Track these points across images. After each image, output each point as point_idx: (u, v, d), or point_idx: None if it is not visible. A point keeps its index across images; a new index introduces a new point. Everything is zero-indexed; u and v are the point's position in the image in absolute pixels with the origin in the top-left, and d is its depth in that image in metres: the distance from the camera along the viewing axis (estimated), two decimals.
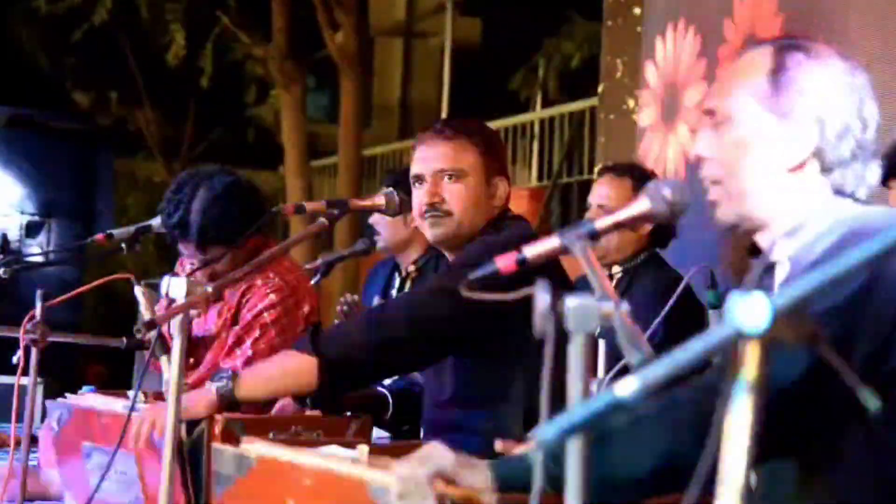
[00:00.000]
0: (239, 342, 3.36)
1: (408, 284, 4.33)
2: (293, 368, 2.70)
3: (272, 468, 2.06)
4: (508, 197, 2.93)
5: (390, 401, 3.17)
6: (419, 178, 2.90)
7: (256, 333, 3.34)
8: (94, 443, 2.81)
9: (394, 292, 4.38)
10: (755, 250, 1.90)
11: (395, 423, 3.24)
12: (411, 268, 4.31)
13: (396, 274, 4.42)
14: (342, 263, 5.29)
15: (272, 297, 3.36)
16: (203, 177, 3.40)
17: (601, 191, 3.95)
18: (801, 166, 1.84)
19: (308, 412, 2.78)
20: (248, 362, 3.28)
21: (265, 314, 3.36)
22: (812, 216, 1.83)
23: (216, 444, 2.32)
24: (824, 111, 1.82)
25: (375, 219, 4.21)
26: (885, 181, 3.03)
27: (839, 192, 1.85)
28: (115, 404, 2.85)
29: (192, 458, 2.53)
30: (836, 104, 1.83)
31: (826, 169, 1.84)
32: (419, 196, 2.88)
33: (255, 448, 2.17)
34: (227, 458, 2.20)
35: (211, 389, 2.65)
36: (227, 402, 2.63)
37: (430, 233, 2.89)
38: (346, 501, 1.85)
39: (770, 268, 1.85)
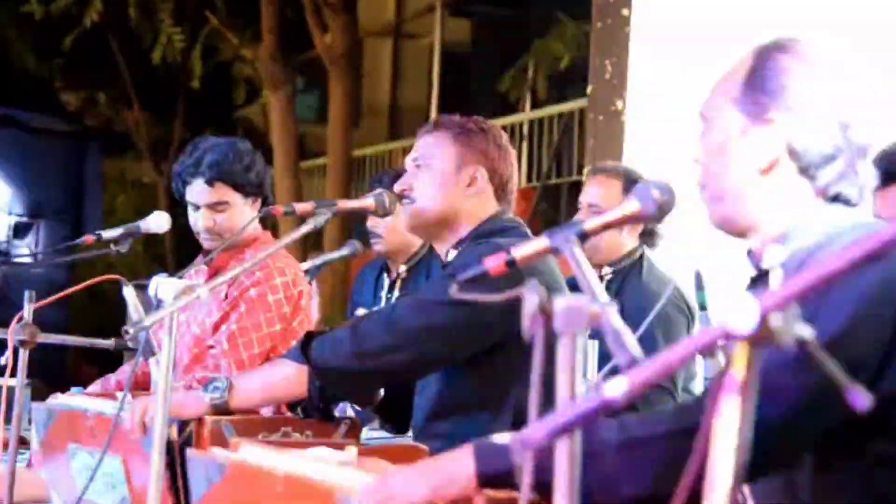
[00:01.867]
0: (224, 318, 3.48)
1: (398, 286, 4.33)
2: (284, 377, 2.70)
3: (245, 474, 2.05)
4: (501, 192, 2.89)
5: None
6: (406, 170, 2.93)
7: (241, 309, 3.48)
8: (79, 444, 2.80)
9: (383, 294, 4.38)
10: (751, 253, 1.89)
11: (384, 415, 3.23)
12: (402, 269, 4.31)
13: (386, 275, 4.42)
14: (332, 265, 5.29)
15: (258, 274, 3.50)
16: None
17: (592, 191, 3.97)
18: (773, 167, 1.83)
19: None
20: (231, 338, 3.44)
21: (251, 290, 3.50)
22: (801, 222, 1.81)
23: (190, 450, 2.31)
24: (798, 110, 1.80)
25: (375, 222, 4.20)
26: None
27: (824, 194, 1.83)
28: (103, 405, 2.84)
29: (181, 458, 2.52)
30: (812, 102, 1.80)
31: (804, 169, 1.82)
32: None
33: (227, 454, 2.16)
34: (201, 464, 2.19)
35: (204, 398, 2.64)
36: (221, 412, 2.63)
37: (404, 222, 2.91)
38: None
39: (764, 275, 1.84)
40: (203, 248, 3.77)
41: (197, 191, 3.65)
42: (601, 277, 3.91)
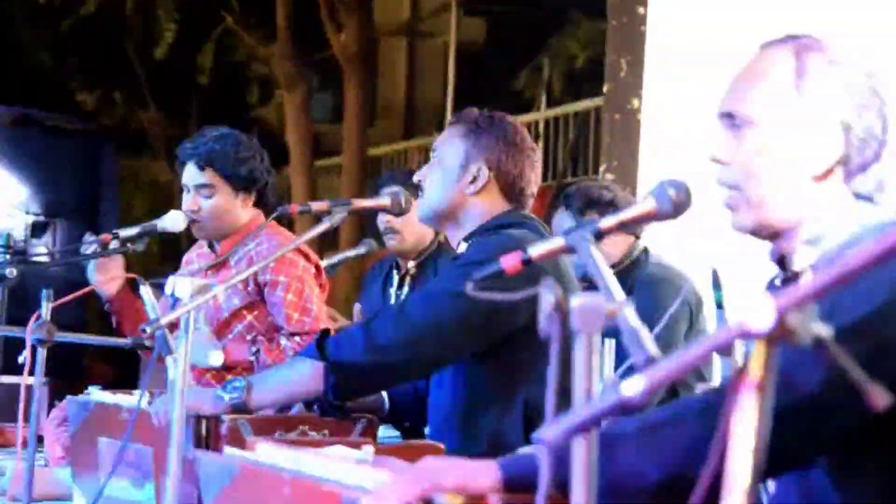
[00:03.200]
0: (296, 305, 3.61)
1: (407, 281, 4.33)
2: (301, 375, 2.70)
3: (254, 476, 2.05)
4: (511, 190, 2.87)
5: (386, 402, 3.16)
6: None
7: (306, 293, 3.62)
8: (112, 439, 2.81)
9: (392, 290, 4.39)
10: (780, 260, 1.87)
11: (394, 421, 3.24)
12: (411, 265, 4.32)
13: (395, 271, 4.42)
14: (347, 264, 5.30)
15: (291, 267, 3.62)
16: None
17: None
18: (827, 175, 1.80)
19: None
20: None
21: (298, 274, 3.63)
22: (834, 224, 1.80)
23: (198, 451, 2.31)
24: (849, 117, 1.79)
25: (390, 219, 4.20)
26: None
27: (858, 195, 1.81)
28: (130, 401, 2.85)
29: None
30: (859, 108, 1.79)
31: (849, 175, 1.81)
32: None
33: (237, 454, 2.16)
34: (211, 466, 2.19)
35: (223, 397, 2.65)
36: (240, 411, 2.64)
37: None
38: None
39: (794, 277, 1.82)
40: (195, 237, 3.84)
41: (189, 173, 3.72)
42: None
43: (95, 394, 3.03)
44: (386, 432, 3.23)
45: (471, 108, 2.98)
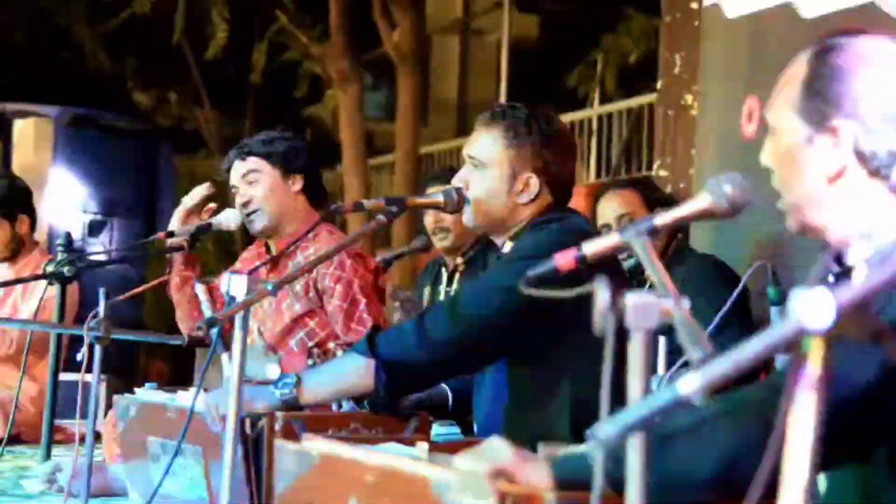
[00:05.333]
0: (352, 315, 3.58)
1: (456, 277, 4.34)
2: (351, 371, 2.70)
3: (334, 465, 2.07)
4: (557, 187, 2.86)
5: (450, 395, 3.17)
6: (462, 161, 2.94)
7: (363, 302, 3.58)
8: (159, 438, 2.84)
9: (442, 287, 4.39)
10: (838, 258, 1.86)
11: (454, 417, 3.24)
12: (459, 260, 4.32)
13: (443, 268, 4.43)
14: (399, 261, 5.31)
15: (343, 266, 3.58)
16: None
17: (610, 205, 3.97)
18: (841, 174, 1.79)
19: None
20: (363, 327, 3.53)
21: (354, 283, 3.58)
22: (881, 220, 1.78)
23: (279, 441, 2.33)
24: (861, 114, 1.77)
25: (439, 217, 4.20)
26: None
27: None
28: (182, 399, 2.87)
29: (254, 453, 2.54)
30: (874, 103, 1.77)
31: (875, 171, 1.78)
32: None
33: (318, 445, 2.17)
34: (290, 455, 2.21)
35: (275, 393, 2.66)
36: (291, 408, 2.65)
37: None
38: (408, 498, 1.85)
39: (847, 272, 1.81)
40: (252, 236, 3.84)
41: (233, 172, 3.75)
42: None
43: (142, 393, 3.06)
44: (438, 429, 3.23)
45: (500, 105, 2.97)
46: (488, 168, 2.84)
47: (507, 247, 2.85)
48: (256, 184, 3.68)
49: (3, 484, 3.48)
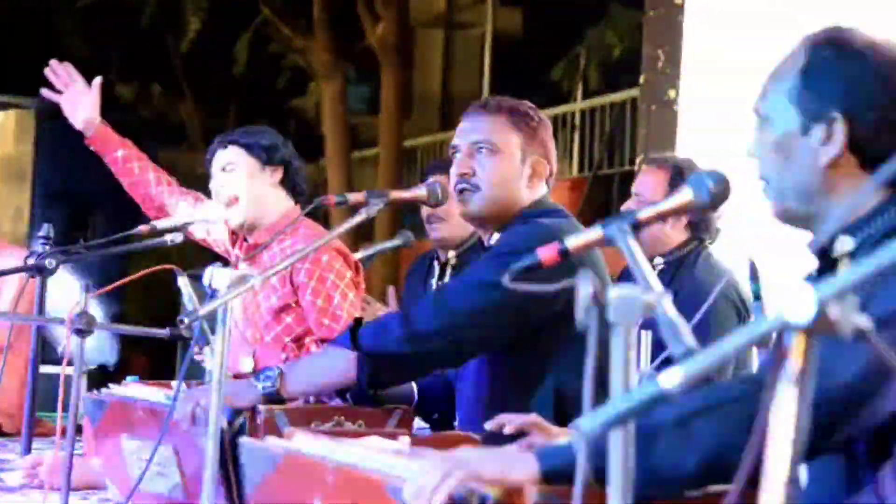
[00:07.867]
0: (325, 311, 3.54)
1: (448, 272, 4.32)
2: (333, 364, 2.70)
3: (298, 465, 2.06)
4: (548, 181, 2.88)
5: (414, 392, 3.16)
6: (455, 149, 2.88)
7: (336, 298, 3.55)
8: (132, 435, 2.82)
9: (433, 281, 4.37)
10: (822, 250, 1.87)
11: (423, 413, 3.23)
12: (451, 254, 4.30)
13: (436, 262, 4.41)
14: (382, 256, 5.29)
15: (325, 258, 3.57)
16: None
17: (639, 180, 3.98)
18: (836, 164, 1.82)
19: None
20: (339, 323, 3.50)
21: (328, 279, 3.56)
22: (867, 213, 1.79)
23: (244, 439, 2.31)
24: (856, 105, 1.80)
25: (434, 211, 4.16)
26: None
27: (893, 182, 1.81)
28: (156, 395, 2.86)
29: (232, 448, 2.53)
30: (869, 96, 1.80)
31: (869, 163, 1.81)
32: (453, 168, 2.87)
33: (280, 443, 2.16)
34: (255, 454, 2.19)
35: (257, 387, 2.65)
36: (273, 401, 2.64)
37: (459, 208, 2.89)
38: (366, 500, 1.84)
39: (832, 265, 1.82)
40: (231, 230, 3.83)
41: (216, 161, 3.78)
42: (653, 267, 3.88)
43: (116, 388, 3.05)
44: (422, 423, 3.23)
45: (494, 97, 2.97)
46: (503, 153, 2.82)
47: (495, 237, 2.84)
48: (234, 172, 3.70)
49: None
